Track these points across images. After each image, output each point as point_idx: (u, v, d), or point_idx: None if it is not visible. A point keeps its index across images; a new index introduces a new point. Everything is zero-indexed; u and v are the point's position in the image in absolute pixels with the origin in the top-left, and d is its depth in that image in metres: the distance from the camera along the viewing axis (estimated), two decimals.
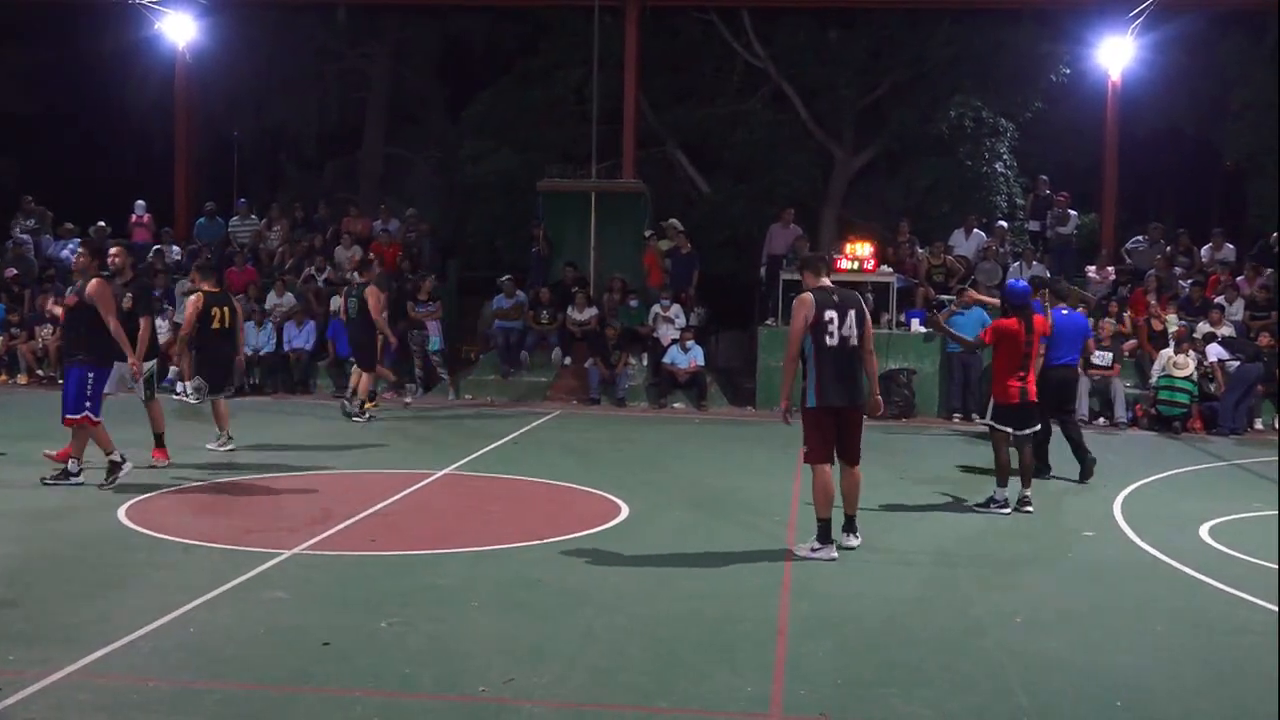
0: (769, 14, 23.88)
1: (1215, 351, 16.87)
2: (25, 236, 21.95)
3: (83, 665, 5.75)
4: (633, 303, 19.45)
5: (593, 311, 19.14)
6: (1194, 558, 8.61)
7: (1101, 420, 17.02)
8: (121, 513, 9.24)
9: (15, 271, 20.79)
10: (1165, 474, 12.69)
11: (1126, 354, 17.98)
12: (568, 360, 18.90)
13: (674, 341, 18.22)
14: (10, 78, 27.62)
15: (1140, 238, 21.14)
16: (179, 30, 22.70)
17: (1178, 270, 19.96)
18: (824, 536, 8.27)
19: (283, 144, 29.34)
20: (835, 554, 8.24)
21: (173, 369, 18.69)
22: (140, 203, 23.04)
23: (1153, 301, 18.26)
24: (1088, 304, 18.74)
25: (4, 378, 19.23)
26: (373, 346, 15.39)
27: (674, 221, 20.56)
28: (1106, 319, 18.00)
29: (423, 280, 19.30)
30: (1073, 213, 21.07)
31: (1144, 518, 10.09)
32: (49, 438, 13.51)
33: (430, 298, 18.97)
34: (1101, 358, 17.24)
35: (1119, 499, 10.93)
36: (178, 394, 13.85)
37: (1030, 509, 10.11)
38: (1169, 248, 20.77)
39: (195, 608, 6.74)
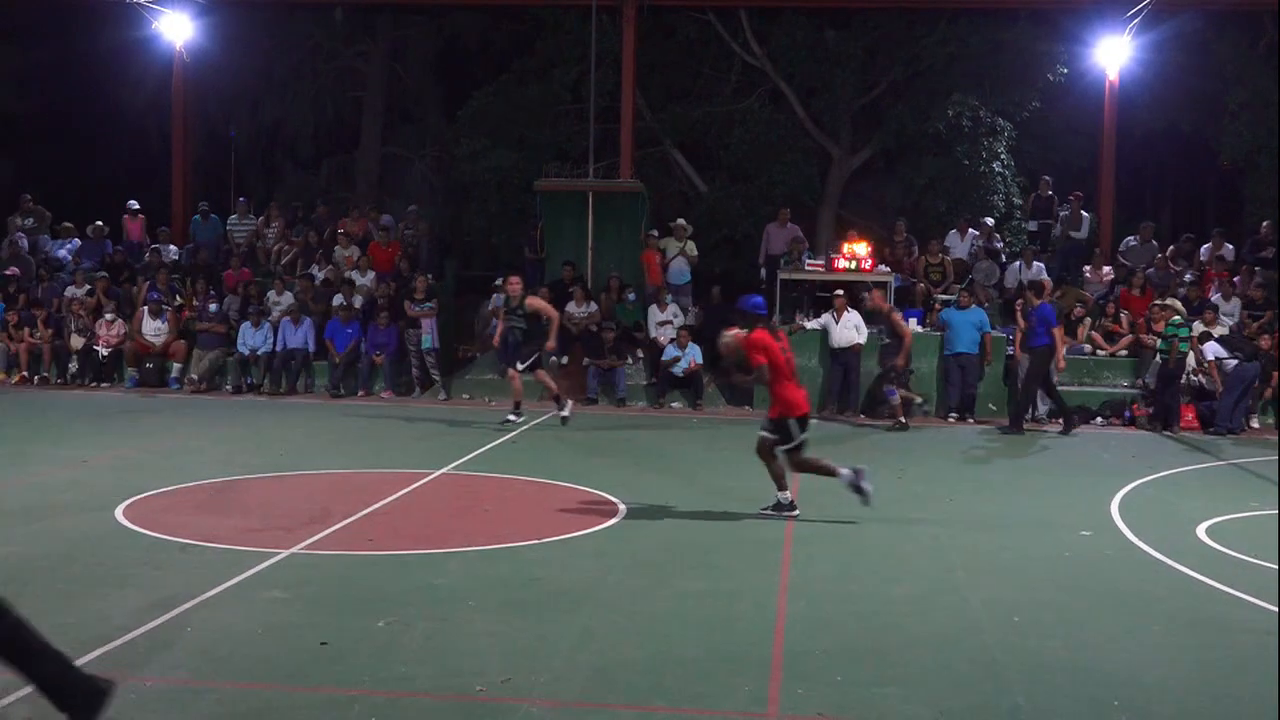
0: (766, 13, 23.89)
1: (1213, 350, 16.87)
2: (22, 235, 21.93)
3: (81, 664, 5.73)
4: (630, 296, 19.44)
5: (592, 307, 19.12)
6: (1191, 557, 8.62)
7: (1099, 420, 17.03)
8: (119, 512, 9.24)
9: (15, 271, 20.78)
10: (1163, 473, 12.69)
11: (1124, 352, 18.03)
12: (564, 360, 18.88)
13: (671, 341, 18.21)
14: (7, 77, 27.60)
15: (1132, 238, 21.18)
16: (176, 29, 22.68)
17: (1174, 269, 19.97)
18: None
19: (279, 143, 29.32)
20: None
21: (176, 366, 18.78)
22: (132, 202, 23.00)
23: (1158, 304, 18.03)
24: (1085, 303, 18.84)
25: (2, 376, 19.25)
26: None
27: (681, 221, 20.58)
28: (1086, 321, 18.23)
29: (418, 279, 19.28)
30: (1085, 215, 21.07)
31: (1141, 517, 10.11)
32: (45, 437, 13.55)
33: (426, 296, 18.97)
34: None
35: (1116, 498, 10.94)
36: None
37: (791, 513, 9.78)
38: (1170, 248, 20.80)
39: (193, 607, 6.74)
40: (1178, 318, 16.57)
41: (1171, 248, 20.95)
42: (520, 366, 14.92)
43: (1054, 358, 15.84)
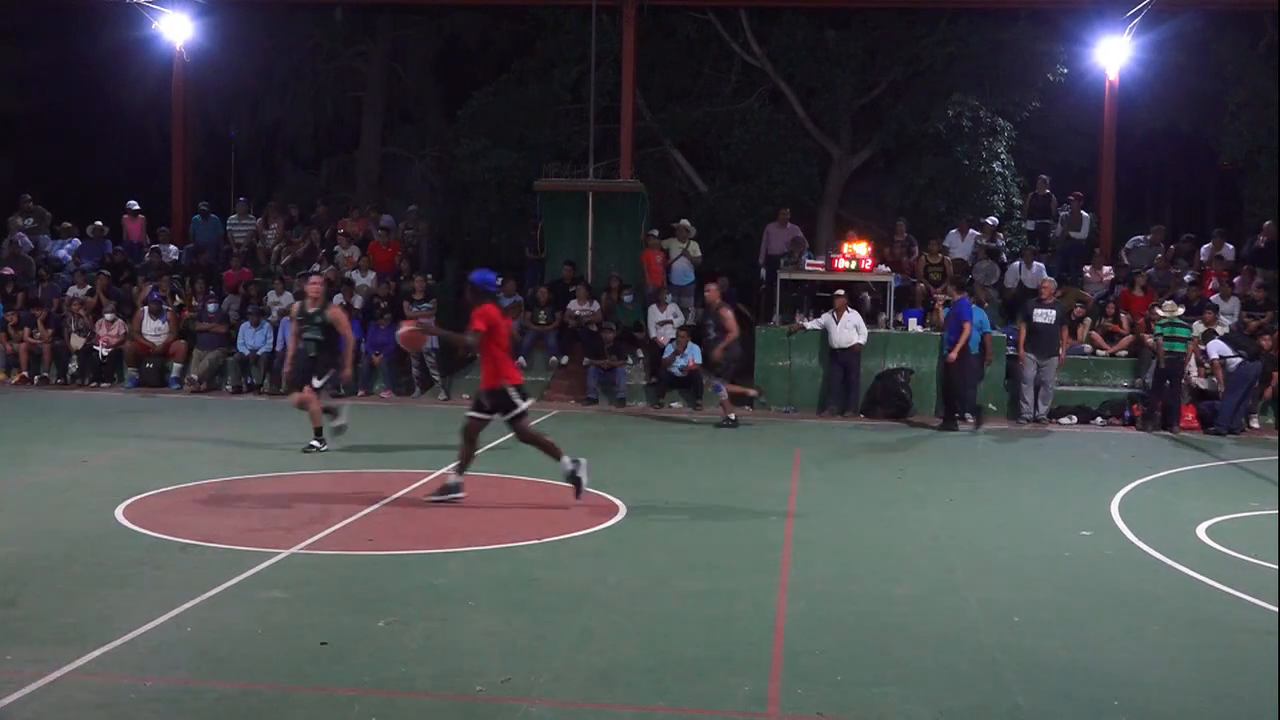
0: (766, 13, 23.88)
1: (1217, 348, 16.86)
2: (23, 235, 21.93)
3: (80, 664, 5.75)
4: (627, 298, 19.43)
5: (594, 305, 19.12)
6: (1191, 557, 8.62)
7: (1099, 420, 17.04)
8: (119, 512, 9.24)
9: (11, 271, 20.80)
10: (1163, 473, 12.69)
11: (1124, 352, 18.01)
12: (564, 360, 18.88)
13: (671, 341, 18.21)
14: (7, 77, 27.59)
15: (1141, 237, 21.17)
16: (176, 29, 22.67)
17: (1174, 271, 19.96)
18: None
19: (279, 143, 29.33)
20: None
21: (176, 366, 18.79)
22: (132, 202, 22.99)
23: (1160, 312, 18.02)
24: (1085, 303, 18.83)
25: (3, 376, 19.27)
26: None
27: (685, 222, 20.58)
28: (1086, 321, 18.24)
29: (417, 279, 19.28)
30: (1085, 215, 21.06)
31: (1141, 517, 10.10)
32: (45, 437, 13.55)
33: (425, 297, 18.95)
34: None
35: (1116, 498, 10.94)
36: None
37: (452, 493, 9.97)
38: (1170, 247, 20.79)
39: (193, 607, 6.74)
40: (1166, 314, 16.61)
41: (1172, 247, 20.94)
42: (317, 384, 12.62)
43: (955, 353, 16.01)
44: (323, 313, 12.80)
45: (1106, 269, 20.04)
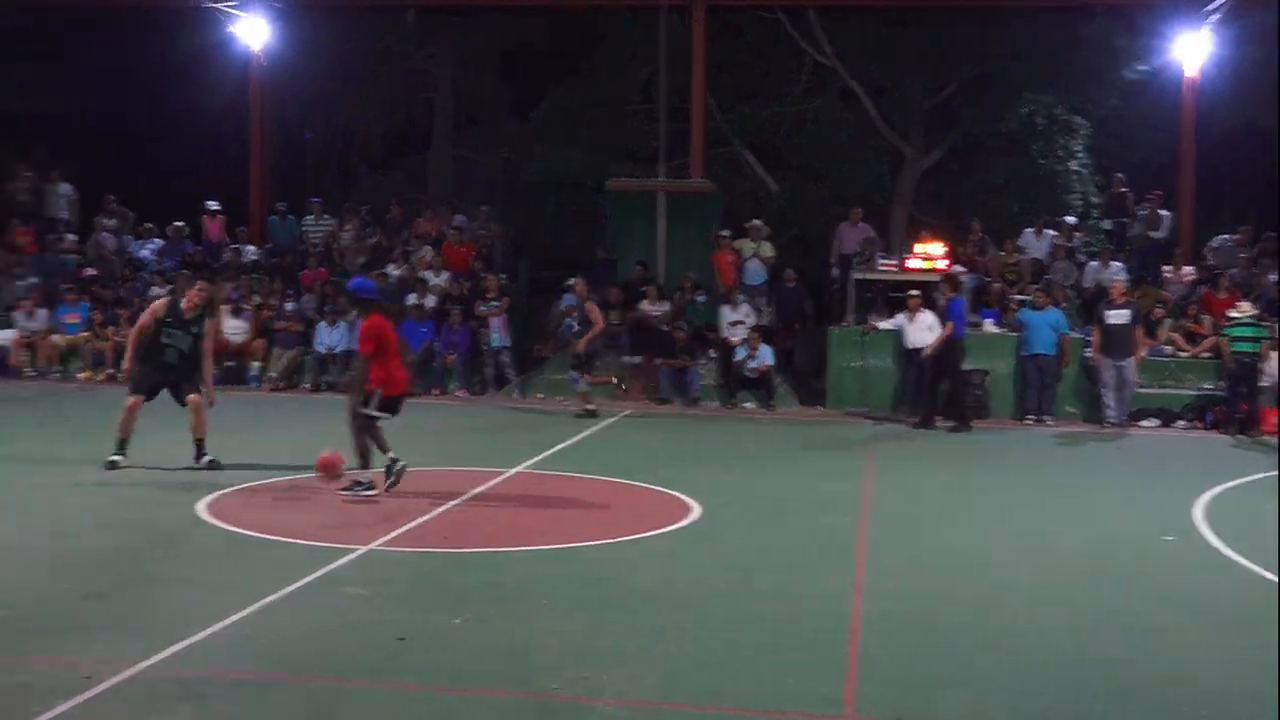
0: (836, 13, 23.72)
1: None
2: (108, 235, 22.41)
3: (165, 656, 5.87)
4: (700, 298, 19.40)
5: (665, 305, 19.12)
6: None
7: (1181, 423, 16.69)
8: (200, 507, 9.41)
9: (96, 271, 21.27)
10: (1248, 478, 12.40)
11: (1207, 354, 17.59)
12: (637, 360, 18.87)
13: (743, 341, 18.14)
14: (90, 81, 28.19)
15: (1227, 236, 20.72)
16: (253, 33, 23.02)
17: (1256, 271, 19.50)
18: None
19: (353, 145, 29.68)
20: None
21: (255, 364, 19.09)
22: (211, 202, 23.38)
23: (1231, 314, 17.62)
24: (1165, 304, 18.47)
25: (90, 373, 19.71)
26: None
27: (757, 222, 20.52)
28: (1166, 322, 17.82)
29: (489, 279, 19.43)
30: (1165, 214, 20.64)
31: (1226, 522, 9.88)
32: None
33: (498, 296, 19.09)
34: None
35: (1200, 503, 10.71)
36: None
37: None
38: (1256, 247, 20.32)
39: (273, 601, 6.85)
40: (1237, 315, 16.27)
41: (1256, 247, 20.47)
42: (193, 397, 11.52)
43: (953, 350, 15.93)
44: (200, 321, 11.46)
45: (1187, 269, 19.63)
